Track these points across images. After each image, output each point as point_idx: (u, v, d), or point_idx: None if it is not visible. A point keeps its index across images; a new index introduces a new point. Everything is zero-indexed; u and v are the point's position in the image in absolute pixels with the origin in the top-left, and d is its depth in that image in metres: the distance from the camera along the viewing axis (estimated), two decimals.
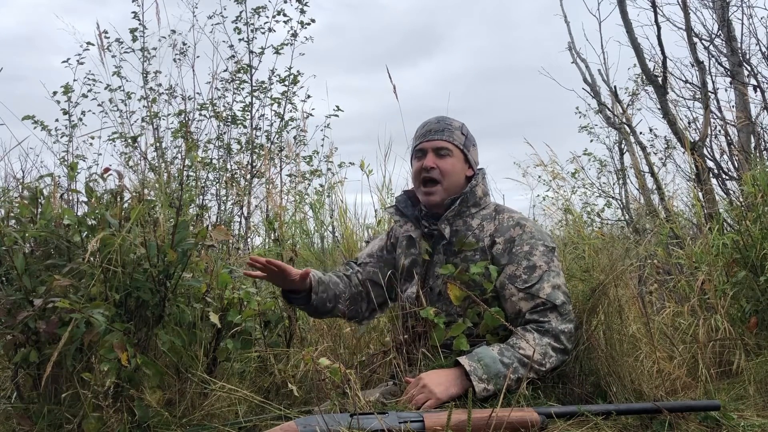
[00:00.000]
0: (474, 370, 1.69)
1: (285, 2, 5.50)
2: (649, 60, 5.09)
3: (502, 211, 2.04)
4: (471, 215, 2.03)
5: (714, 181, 4.32)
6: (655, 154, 6.31)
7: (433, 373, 1.73)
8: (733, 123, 4.97)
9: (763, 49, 5.23)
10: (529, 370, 1.75)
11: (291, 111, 5.60)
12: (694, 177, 3.89)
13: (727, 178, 4.53)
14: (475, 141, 2.12)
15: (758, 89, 5.17)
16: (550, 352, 1.79)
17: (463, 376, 1.71)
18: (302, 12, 5.51)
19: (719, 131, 4.98)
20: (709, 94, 4.87)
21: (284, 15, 5.50)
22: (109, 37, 5.32)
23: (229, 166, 5.47)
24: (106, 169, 2.03)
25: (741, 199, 2.92)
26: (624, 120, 6.04)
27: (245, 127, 5.55)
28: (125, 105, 5.54)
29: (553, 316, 1.82)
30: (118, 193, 1.93)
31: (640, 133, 6.00)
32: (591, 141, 7.36)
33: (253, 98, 5.56)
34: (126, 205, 1.88)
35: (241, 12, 5.53)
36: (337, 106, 5.49)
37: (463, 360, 1.72)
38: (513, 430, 1.52)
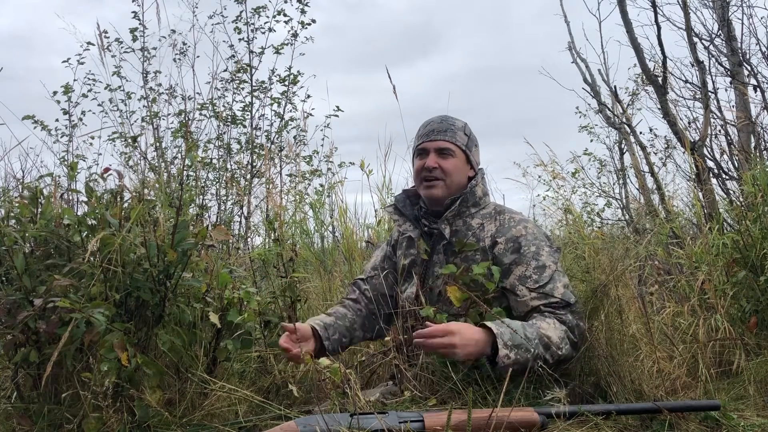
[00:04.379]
0: (501, 334, 1.68)
1: (285, 2, 5.50)
2: (649, 60, 5.09)
3: (502, 211, 2.04)
4: (471, 215, 2.03)
5: (714, 181, 4.32)
6: (655, 154, 6.30)
7: (463, 327, 1.69)
8: (733, 123, 4.97)
9: (763, 49, 5.23)
10: (547, 350, 1.75)
11: (291, 111, 5.61)
12: (694, 177, 3.89)
13: (727, 178, 4.52)
14: (477, 141, 2.12)
15: (758, 89, 5.16)
16: (566, 338, 1.80)
17: (489, 342, 1.69)
18: (303, 12, 5.51)
19: (719, 131, 4.98)
20: (709, 94, 4.86)
21: (284, 15, 5.51)
22: (108, 37, 5.33)
23: (229, 166, 5.47)
24: (106, 169, 2.02)
25: (741, 199, 2.92)
26: (624, 120, 6.04)
27: (245, 127, 5.55)
28: (125, 105, 5.55)
29: (568, 313, 1.83)
30: (118, 193, 1.93)
31: (640, 133, 6.01)
32: (591, 141, 7.36)
33: (253, 98, 5.56)
34: (126, 205, 1.88)
35: (241, 12, 5.54)
36: (337, 106, 5.50)
37: (490, 323, 1.70)
38: (513, 430, 1.52)
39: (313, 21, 5.55)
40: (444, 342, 1.66)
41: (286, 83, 5.54)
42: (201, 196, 4.89)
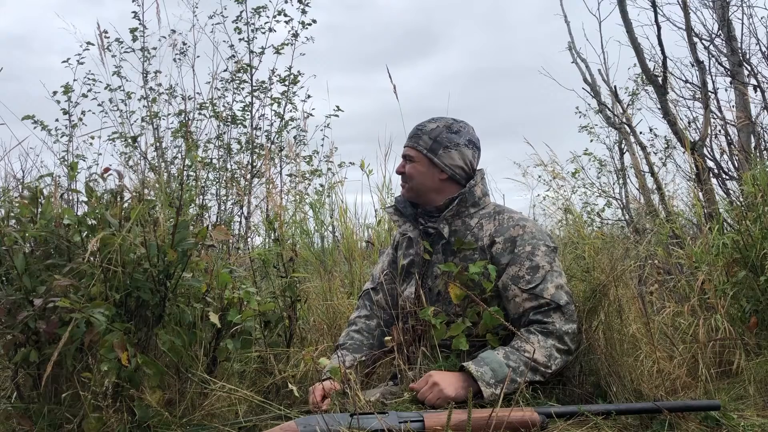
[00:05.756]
0: (481, 375, 1.69)
1: (286, 2, 5.50)
2: (649, 60, 5.09)
3: (502, 211, 2.04)
4: (470, 215, 2.03)
5: (714, 181, 4.32)
6: (655, 154, 6.30)
7: (442, 374, 1.74)
8: (733, 123, 4.97)
9: (763, 49, 5.23)
10: (536, 373, 1.75)
11: (291, 111, 5.61)
12: (694, 177, 3.89)
13: (727, 178, 4.53)
14: (460, 142, 2.04)
15: (758, 89, 5.16)
16: (555, 354, 1.79)
17: (471, 380, 1.71)
18: (303, 12, 5.51)
19: (719, 131, 4.98)
20: (709, 94, 4.86)
21: (285, 15, 5.51)
22: (108, 37, 5.33)
23: (229, 166, 5.47)
24: (106, 169, 2.03)
25: (741, 199, 2.92)
26: (624, 120, 6.04)
27: (245, 127, 5.55)
28: (125, 105, 5.55)
29: (557, 317, 1.82)
30: (118, 193, 1.93)
31: (640, 133, 6.00)
32: (591, 141, 7.34)
33: (253, 98, 5.56)
34: (126, 205, 1.88)
35: (241, 12, 5.54)
36: (337, 106, 5.50)
37: (468, 365, 1.71)
38: (513, 430, 1.52)
39: (314, 21, 5.56)
40: (430, 390, 1.69)
41: (286, 83, 5.55)
42: (201, 196, 4.90)
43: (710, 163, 4.47)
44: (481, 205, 2.05)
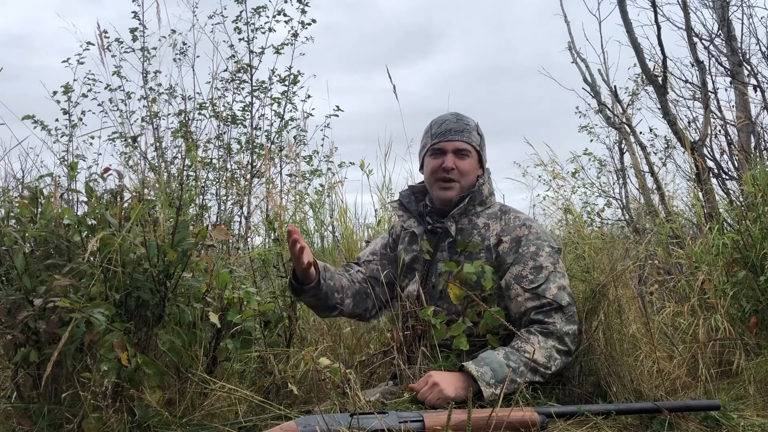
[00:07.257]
0: (482, 375, 1.69)
1: (285, 2, 5.50)
2: (649, 60, 5.08)
3: (508, 211, 2.05)
4: (476, 214, 2.03)
5: (714, 181, 4.32)
6: (655, 154, 6.30)
7: (442, 374, 1.74)
8: (733, 123, 4.97)
9: (763, 49, 5.23)
10: (535, 373, 1.75)
11: (291, 111, 5.60)
12: (694, 177, 3.89)
13: (727, 178, 4.53)
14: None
15: (758, 89, 5.16)
16: (555, 355, 1.79)
17: (471, 380, 1.71)
18: (303, 12, 5.51)
19: (719, 131, 4.98)
20: (709, 94, 4.86)
21: (285, 15, 5.50)
22: (108, 37, 5.32)
23: (229, 166, 5.47)
24: (106, 169, 2.02)
25: (741, 199, 2.92)
26: (624, 120, 6.04)
27: (245, 127, 5.55)
28: (125, 105, 5.54)
29: (558, 317, 1.82)
30: (118, 193, 1.93)
31: (640, 133, 6.00)
32: (591, 141, 7.34)
33: (253, 98, 5.55)
34: (126, 205, 1.88)
35: (241, 12, 5.53)
36: (337, 106, 5.49)
37: (469, 365, 1.71)
38: (513, 430, 1.52)
39: (314, 21, 5.55)
40: (430, 390, 1.69)
41: (286, 83, 5.54)
42: (201, 196, 4.89)
43: (710, 163, 4.46)
44: (488, 204, 2.06)
